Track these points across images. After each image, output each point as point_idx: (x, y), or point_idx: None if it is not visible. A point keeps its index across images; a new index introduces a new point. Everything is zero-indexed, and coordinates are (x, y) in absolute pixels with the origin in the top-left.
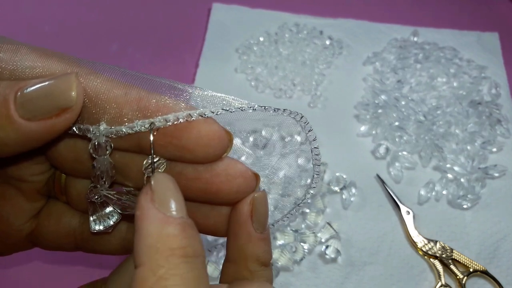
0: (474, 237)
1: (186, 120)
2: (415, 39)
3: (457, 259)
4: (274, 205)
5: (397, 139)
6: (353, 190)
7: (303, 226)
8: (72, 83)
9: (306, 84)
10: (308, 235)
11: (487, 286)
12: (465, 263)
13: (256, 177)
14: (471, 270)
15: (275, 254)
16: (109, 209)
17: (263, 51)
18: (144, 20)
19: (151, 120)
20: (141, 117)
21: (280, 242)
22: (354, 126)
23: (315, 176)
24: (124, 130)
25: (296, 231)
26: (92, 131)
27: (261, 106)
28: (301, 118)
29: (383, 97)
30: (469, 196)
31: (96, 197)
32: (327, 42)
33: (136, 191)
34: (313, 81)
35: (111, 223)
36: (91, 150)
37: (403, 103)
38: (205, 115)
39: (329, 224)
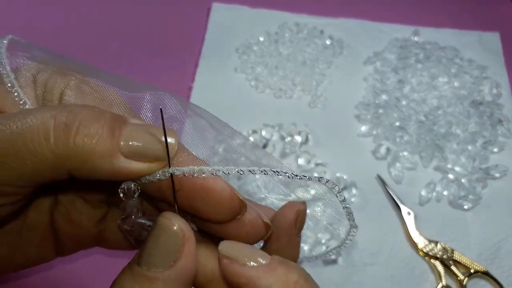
0: (475, 237)
1: (199, 175)
2: (416, 38)
3: (458, 260)
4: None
5: (398, 139)
6: (354, 191)
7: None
8: (176, 138)
9: (306, 84)
10: (309, 236)
11: (488, 287)
12: (466, 264)
13: (267, 226)
14: (472, 271)
15: None
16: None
17: (263, 51)
18: (144, 19)
19: (170, 170)
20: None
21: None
22: (354, 126)
23: (348, 237)
24: (148, 178)
25: None
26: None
27: (289, 174)
28: (333, 186)
29: (383, 97)
30: (470, 196)
31: (125, 227)
32: (328, 42)
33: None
34: (313, 81)
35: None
36: (121, 194)
37: (404, 103)
38: (228, 173)
39: (329, 224)
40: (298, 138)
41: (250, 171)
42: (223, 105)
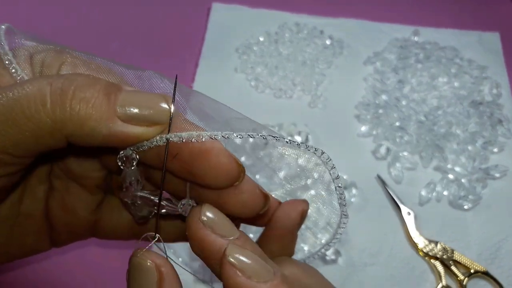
0: (475, 238)
1: (198, 140)
2: (416, 39)
3: (458, 260)
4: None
5: (397, 140)
6: (354, 191)
7: (303, 227)
8: (169, 102)
9: (306, 84)
10: (308, 236)
11: (488, 287)
12: (466, 264)
13: (265, 196)
14: (472, 271)
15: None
16: (140, 203)
17: (263, 51)
18: (144, 19)
19: (167, 136)
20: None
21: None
22: (354, 126)
23: (343, 216)
24: (145, 144)
25: None
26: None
27: (274, 137)
28: (322, 154)
29: (383, 97)
30: (470, 196)
31: (129, 199)
32: (328, 42)
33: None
34: (313, 81)
35: (145, 214)
36: (119, 162)
37: (404, 103)
38: (226, 137)
39: (329, 224)
40: (298, 138)
41: (249, 135)
42: None
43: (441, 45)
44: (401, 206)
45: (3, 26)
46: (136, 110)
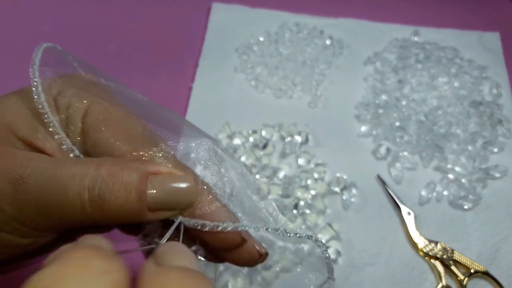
0: (475, 238)
1: (213, 230)
2: (416, 38)
3: (458, 260)
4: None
5: (397, 140)
6: (354, 191)
7: (303, 227)
8: (196, 189)
9: (306, 84)
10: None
11: (488, 287)
12: (466, 264)
13: (260, 256)
14: (472, 271)
15: (275, 256)
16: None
17: (263, 51)
18: (143, 19)
19: (181, 219)
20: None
21: (280, 243)
22: (354, 126)
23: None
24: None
25: None
26: None
27: (288, 233)
28: (315, 240)
29: (383, 97)
30: (470, 196)
31: (143, 242)
32: (328, 42)
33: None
34: (313, 81)
35: None
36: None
37: (403, 103)
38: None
39: (329, 225)
40: (298, 138)
41: (266, 229)
42: (223, 105)
43: (441, 45)
44: (401, 206)
45: (39, 52)
46: (163, 201)
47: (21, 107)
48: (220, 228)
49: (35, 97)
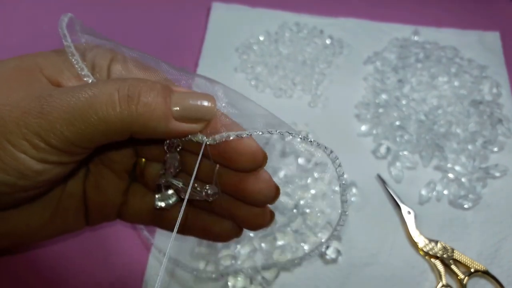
0: (475, 237)
1: (235, 137)
2: (416, 38)
3: (458, 259)
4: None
5: (398, 139)
6: (354, 190)
7: (303, 226)
8: (214, 103)
9: (306, 84)
10: (309, 235)
11: (488, 286)
12: (466, 263)
13: (277, 189)
14: (472, 270)
15: (275, 254)
16: (170, 191)
17: (263, 51)
18: (143, 19)
19: (205, 139)
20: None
21: (280, 242)
22: (354, 125)
23: (343, 213)
24: (189, 136)
25: (296, 231)
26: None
27: (290, 133)
28: (330, 153)
29: (383, 96)
30: (470, 196)
31: (163, 181)
32: (328, 42)
33: (195, 184)
34: (313, 80)
35: (170, 202)
36: (165, 147)
37: (404, 102)
38: (247, 134)
39: (329, 224)
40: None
41: (269, 132)
42: None
43: (441, 44)
44: (401, 205)
45: (65, 19)
46: (186, 111)
47: (51, 55)
48: (244, 135)
49: (65, 43)
